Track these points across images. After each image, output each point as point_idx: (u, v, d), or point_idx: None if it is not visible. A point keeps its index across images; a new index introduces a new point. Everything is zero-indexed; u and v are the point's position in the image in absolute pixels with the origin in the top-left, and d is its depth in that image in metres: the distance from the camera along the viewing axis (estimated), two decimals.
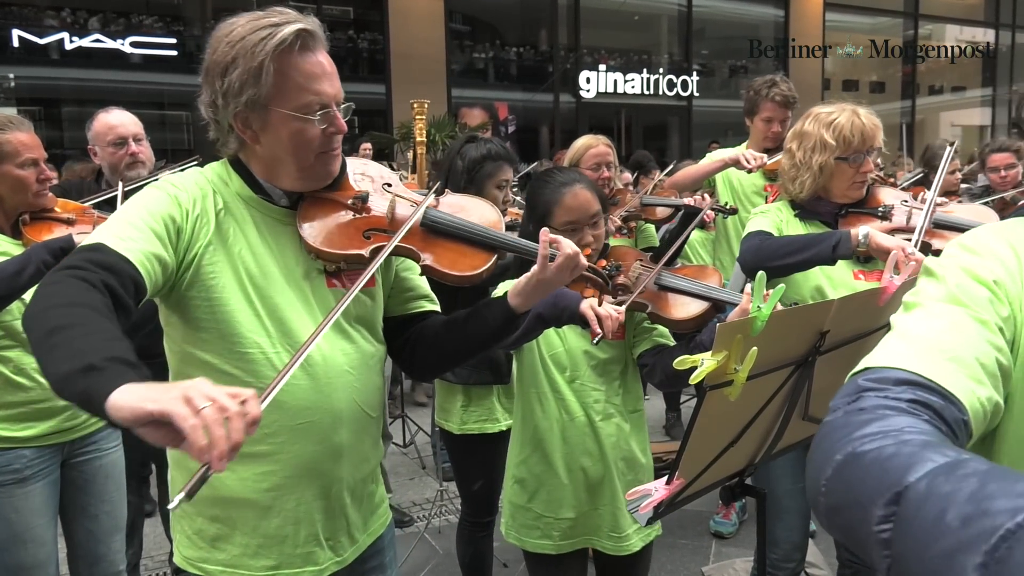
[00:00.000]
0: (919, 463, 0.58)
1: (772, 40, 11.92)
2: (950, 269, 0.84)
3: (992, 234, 0.87)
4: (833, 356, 1.31)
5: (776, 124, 3.19)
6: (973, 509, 0.50)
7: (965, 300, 0.81)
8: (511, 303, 1.41)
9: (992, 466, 0.55)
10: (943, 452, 0.59)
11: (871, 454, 0.63)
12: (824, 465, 0.67)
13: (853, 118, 2.08)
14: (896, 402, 0.69)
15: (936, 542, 0.51)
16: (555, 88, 10.59)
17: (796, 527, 2.24)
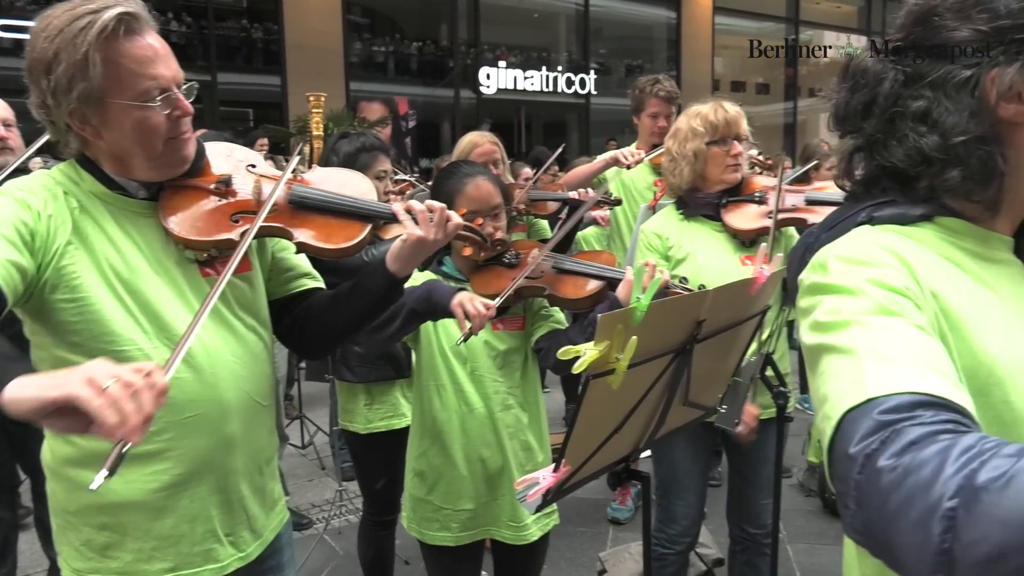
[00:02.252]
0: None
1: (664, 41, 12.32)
2: (861, 282, 0.79)
3: (867, 244, 0.84)
4: (710, 344, 1.38)
5: (662, 119, 3.33)
6: None
7: (897, 310, 0.76)
8: (391, 268, 1.42)
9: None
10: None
11: (998, 480, 0.54)
12: (932, 520, 0.56)
13: (717, 107, 2.28)
14: (937, 424, 0.62)
15: None
16: (455, 84, 10.58)
17: (694, 504, 2.35)
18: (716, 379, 1.55)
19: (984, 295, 0.82)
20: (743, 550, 2.41)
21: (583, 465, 1.28)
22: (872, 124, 0.89)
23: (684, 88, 11.62)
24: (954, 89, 0.82)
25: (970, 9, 0.81)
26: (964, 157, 0.82)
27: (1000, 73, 0.79)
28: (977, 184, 0.82)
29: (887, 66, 0.87)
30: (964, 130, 0.81)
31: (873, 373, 0.69)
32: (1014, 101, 0.80)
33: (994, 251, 0.86)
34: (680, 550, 2.33)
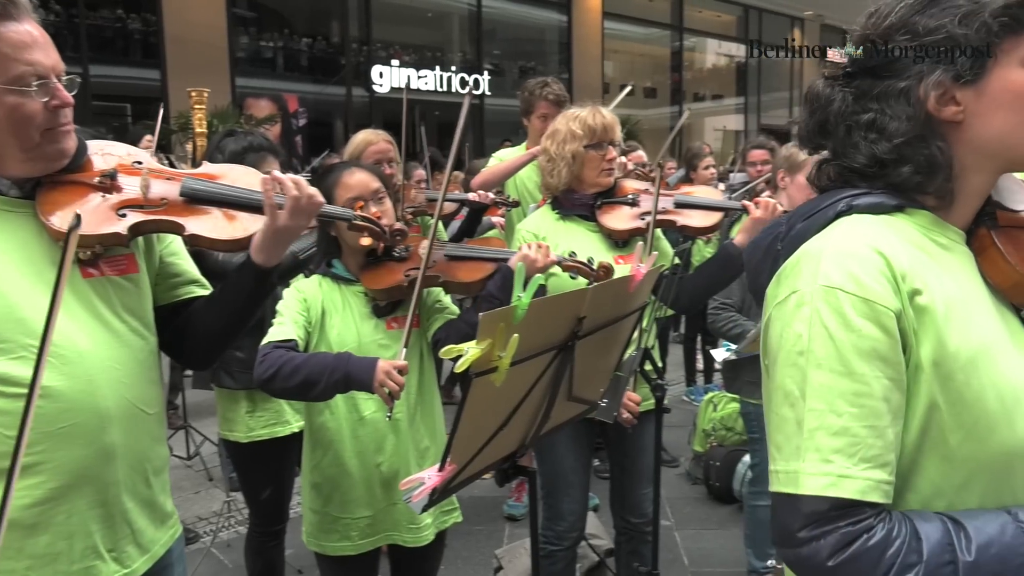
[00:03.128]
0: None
1: (556, 44, 12.54)
2: (842, 334, 0.86)
3: (859, 246, 0.90)
4: (591, 339, 1.42)
5: (551, 122, 3.39)
6: None
7: (865, 381, 0.86)
8: (256, 260, 1.38)
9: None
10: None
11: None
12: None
13: (595, 112, 2.35)
14: (857, 530, 0.83)
15: None
16: (347, 82, 10.39)
17: (579, 499, 2.40)
18: (599, 374, 1.60)
19: (949, 285, 0.91)
20: (628, 540, 2.49)
21: (469, 463, 1.29)
22: (832, 139, 1.00)
23: (576, 91, 11.88)
24: (894, 99, 0.93)
25: (895, 33, 0.93)
26: (910, 155, 0.93)
27: (930, 81, 0.91)
28: (925, 176, 0.93)
29: (835, 89, 0.99)
30: (905, 132, 0.92)
31: (812, 464, 0.85)
32: (950, 104, 0.91)
33: (953, 242, 0.96)
34: (568, 545, 2.39)
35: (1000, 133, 0.91)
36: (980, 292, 0.93)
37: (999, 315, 0.93)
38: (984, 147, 0.93)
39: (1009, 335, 0.92)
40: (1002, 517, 0.85)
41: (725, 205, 2.47)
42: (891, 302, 0.86)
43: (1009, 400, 0.87)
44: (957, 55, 0.89)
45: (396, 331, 1.94)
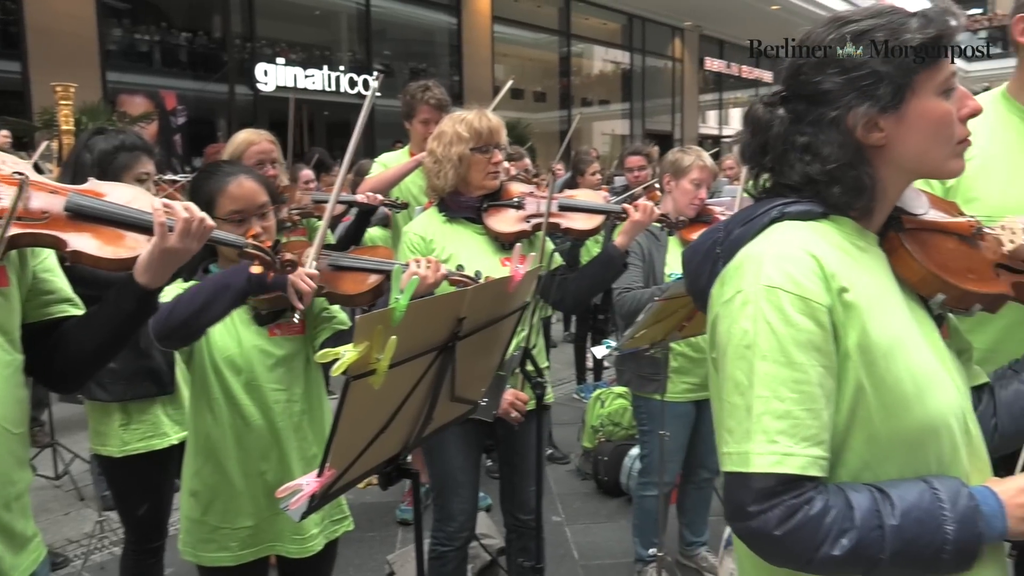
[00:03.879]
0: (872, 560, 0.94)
1: (447, 46, 12.53)
2: (783, 328, 0.97)
3: (794, 249, 1.01)
4: (472, 340, 1.43)
5: (433, 126, 3.38)
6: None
7: (806, 371, 0.97)
8: (140, 281, 1.33)
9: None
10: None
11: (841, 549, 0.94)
12: (859, 566, 0.95)
13: (481, 116, 2.36)
14: (801, 504, 0.95)
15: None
16: (230, 79, 10.00)
17: (469, 499, 2.41)
18: (481, 374, 1.62)
19: (869, 283, 1.02)
20: (518, 537, 2.53)
21: (350, 467, 1.28)
22: (770, 158, 1.10)
23: (467, 94, 11.91)
24: (826, 126, 1.04)
25: (825, 67, 1.03)
26: (840, 177, 1.04)
27: (858, 112, 1.02)
28: (853, 198, 1.05)
29: (774, 114, 1.09)
30: (836, 158, 1.03)
31: (760, 445, 0.96)
32: (874, 130, 1.03)
33: (869, 245, 1.09)
34: (459, 546, 2.40)
35: (917, 152, 1.04)
36: (893, 288, 1.06)
37: (909, 308, 1.07)
38: (902, 165, 1.06)
39: (918, 325, 1.06)
40: (920, 485, 0.97)
41: (606, 208, 2.55)
42: (823, 299, 0.98)
43: (921, 382, 1.00)
44: (880, 88, 1.00)
45: (279, 338, 1.90)
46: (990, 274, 1.14)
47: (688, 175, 2.87)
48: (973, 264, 1.14)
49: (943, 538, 0.93)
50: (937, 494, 0.95)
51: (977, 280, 1.11)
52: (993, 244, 1.17)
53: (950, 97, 1.04)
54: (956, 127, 1.05)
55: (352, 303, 1.97)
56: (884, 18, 1.02)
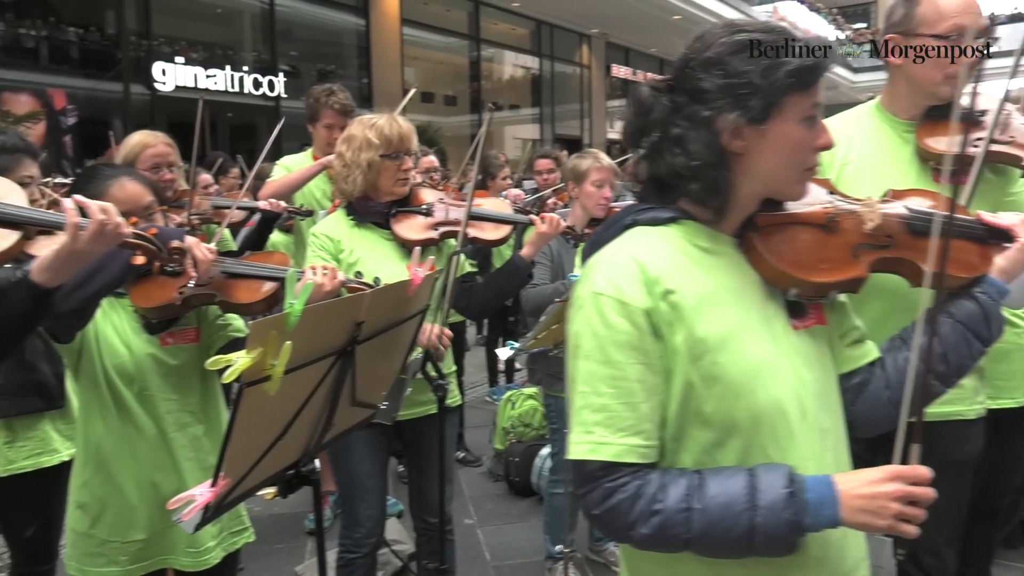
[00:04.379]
0: (683, 527, 1.03)
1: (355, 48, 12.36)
2: (602, 329, 1.07)
3: (623, 258, 1.10)
4: (373, 344, 1.44)
5: (337, 131, 3.36)
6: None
7: (625, 367, 1.06)
8: (37, 280, 1.29)
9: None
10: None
11: (654, 527, 1.03)
12: (630, 535, 1.05)
13: (391, 122, 2.35)
14: (626, 487, 1.05)
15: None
16: (125, 78, 9.56)
17: (376, 505, 2.40)
18: (383, 377, 1.62)
19: (704, 283, 1.09)
20: (427, 540, 2.53)
21: (246, 476, 1.26)
22: (647, 142, 1.14)
23: (376, 96, 11.78)
24: (698, 124, 1.08)
25: (711, 67, 1.07)
26: (701, 176, 1.09)
27: (728, 117, 1.07)
28: (709, 196, 1.11)
29: (657, 99, 1.13)
30: (701, 157, 1.08)
31: (578, 435, 1.06)
32: (738, 138, 1.08)
33: (720, 247, 1.14)
34: (367, 552, 2.38)
35: (768, 169, 1.11)
36: (735, 285, 1.12)
37: (759, 303, 1.13)
38: (756, 177, 1.12)
39: (763, 319, 1.12)
40: (741, 473, 1.04)
41: (514, 219, 2.60)
42: (642, 302, 1.06)
43: (751, 374, 1.07)
44: (752, 100, 1.06)
45: (173, 347, 1.85)
46: (846, 259, 1.19)
47: (588, 178, 2.96)
48: (828, 252, 1.18)
49: (750, 523, 1.00)
50: (754, 482, 1.03)
51: (830, 269, 1.16)
52: (855, 225, 1.22)
53: (812, 126, 1.10)
54: (808, 155, 1.12)
55: (247, 312, 1.92)
56: (773, 36, 1.07)
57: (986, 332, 1.20)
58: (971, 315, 1.19)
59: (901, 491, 1.00)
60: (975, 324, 1.18)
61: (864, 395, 1.23)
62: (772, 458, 1.07)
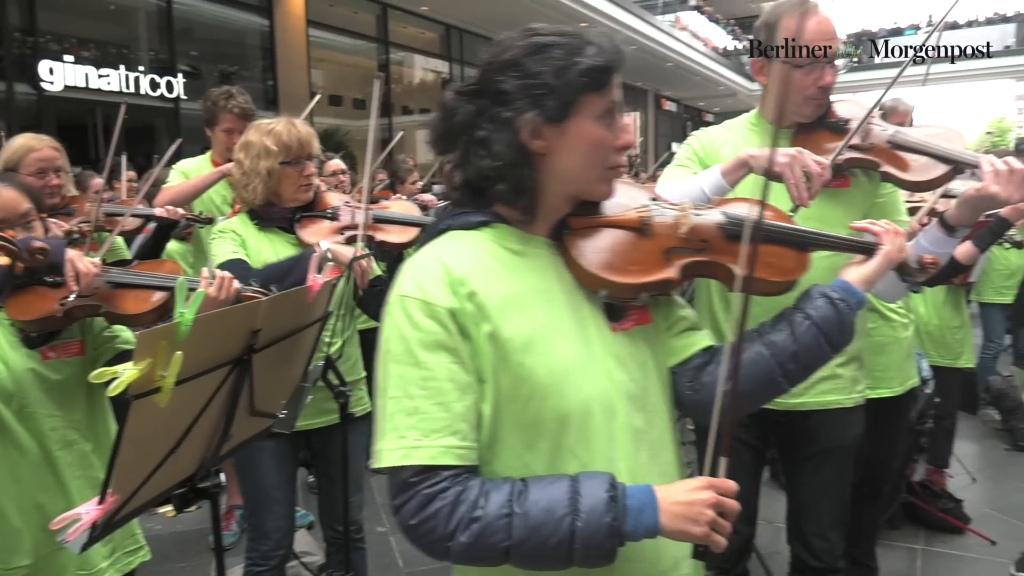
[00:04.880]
0: (503, 534, 1.00)
1: (259, 49, 12.04)
2: (409, 331, 1.06)
3: (431, 261, 1.09)
4: (270, 352, 1.41)
5: (237, 135, 3.27)
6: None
7: (436, 369, 1.05)
8: None
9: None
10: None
11: (473, 534, 0.99)
12: (445, 546, 1.01)
13: (290, 127, 2.28)
14: (439, 490, 1.01)
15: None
16: (8, 77, 9.00)
17: (284, 516, 2.35)
18: (283, 386, 1.59)
19: (513, 285, 1.09)
20: (337, 550, 2.50)
21: (137, 492, 1.22)
22: (455, 147, 1.14)
23: (282, 99, 11.51)
24: (500, 125, 1.09)
25: (508, 68, 1.09)
26: (507, 175, 1.10)
27: (526, 117, 1.08)
28: (515, 196, 1.11)
29: (461, 102, 1.13)
30: (504, 157, 1.09)
31: (390, 442, 1.03)
32: (539, 138, 1.09)
33: (533, 248, 1.15)
34: (275, 564, 2.33)
35: (570, 167, 1.12)
36: (552, 287, 1.14)
37: (572, 305, 1.14)
38: (560, 176, 1.13)
39: (576, 321, 1.13)
40: (564, 479, 1.04)
41: (420, 221, 2.59)
42: (446, 302, 1.06)
43: (558, 375, 1.08)
44: (548, 100, 1.07)
45: (55, 361, 1.76)
46: (658, 261, 1.19)
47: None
48: (640, 255, 1.19)
49: (570, 528, 0.98)
50: (576, 487, 1.01)
51: (639, 272, 1.17)
52: (669, 230, 1.22)
53: (611, 125, 1.12)
54: (610, 154, 1.14)
55: (135, 323, 1.85)
56: (566, 38, 1.09)
57: (838, 338, 1.20)
58: (827, 319, 1.19)
59: (715, 499, 1.02)
60: (830, 328, 1.19)
61: (699, 381, 1.22)
62: (581, 459, 1.08)
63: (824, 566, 2.07)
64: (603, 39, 1.11)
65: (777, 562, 2.79)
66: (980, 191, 1.68)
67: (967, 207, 1.73)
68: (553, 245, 1.17)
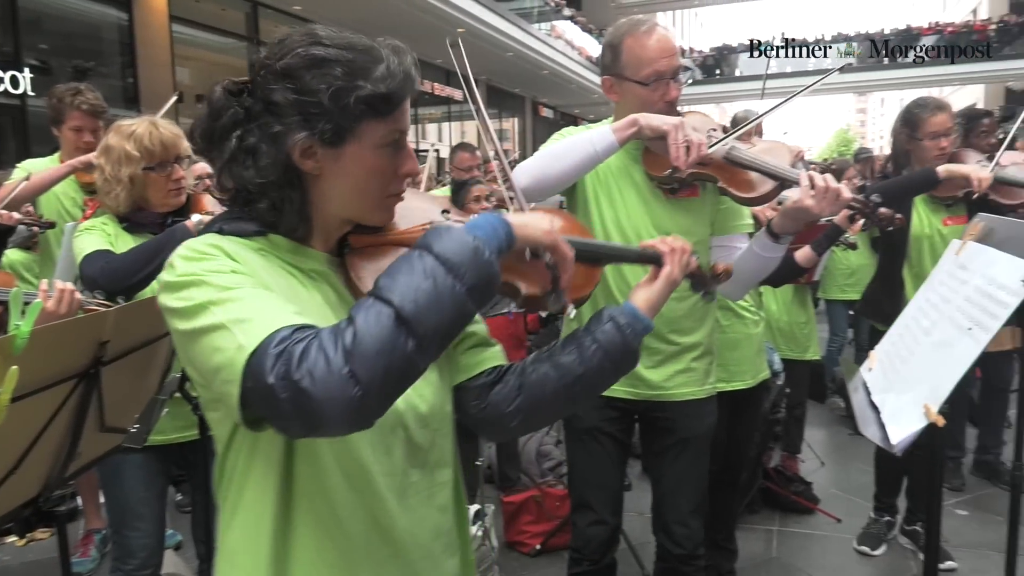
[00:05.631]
0: (375, 311, 0.84)
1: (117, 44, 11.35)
2: (201, 271, 0.92)
3: (201, 244, 0.97)
4: (122, 364, 1.35)
5: (87, 133, 3.10)
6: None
7: (236, 284, 0.91)
8: None
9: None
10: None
11: (351, 338, 0.82)
12: (341, 382, 0.81)
13: (151, 129, 2.15)
14: (302, 336, 0.84)
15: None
16: None
17: (152, 533, 2.23)
18: (137, 400, 1.53)
19: (299, 289, 1.02)
20: (209, 567, 2.40)
21: None
22: (222, 149, 1.02)
23: (144, 97, 10.91)
24: (269, 138, 0.99)
25: (283, 78, 0.98)
26: (269, 193, 1.01)
27: (298, 136, 0.98)
28: (277, 217, 1.03)
29: (230, 102, 1.02)
30: (268, 174, 1.00)
31: (245, 335, 0.86)
32: (311, 159, 1.00)
33: (309, 263, 1.06)
34: None
35: (344, 194, 1.04)
36: (333, 303, 1.06)
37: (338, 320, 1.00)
38: (332, 201, 1.04)
39: None
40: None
41: None
42: (226, 263, 0.94)
43: None
44: (322, 123, 0.98)
45: None
46: None
47: None
48: None
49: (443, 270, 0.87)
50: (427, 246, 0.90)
51: None
52: None
53: (395, 152, 1.04)
54: (392, 182, 1.06)
55: None
56: (352, 54, 0.99)
57: (623, 362, 1.18)
58: (613, 343, 1.17)
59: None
60: (615, 352, 1.16)
61: (487, 399, 1.19)
62: (344, 468, 1.02)
63: (686, 552, 2.19)
64: (394, 60, 1.01)
65: (647, 552, 2.92)
66: (796, 204, 1.83)
67: (787, 217, 1.88)
68: (334, 262, 1.09)
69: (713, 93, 29.64)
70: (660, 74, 1.95)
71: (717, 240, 2.11)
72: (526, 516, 3.49)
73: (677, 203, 2.03)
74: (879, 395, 1.37)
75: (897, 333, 1.50)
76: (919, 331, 1.37)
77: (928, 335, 1.32)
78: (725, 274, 1.42)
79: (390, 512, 1.06)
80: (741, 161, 1.95)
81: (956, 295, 1.30)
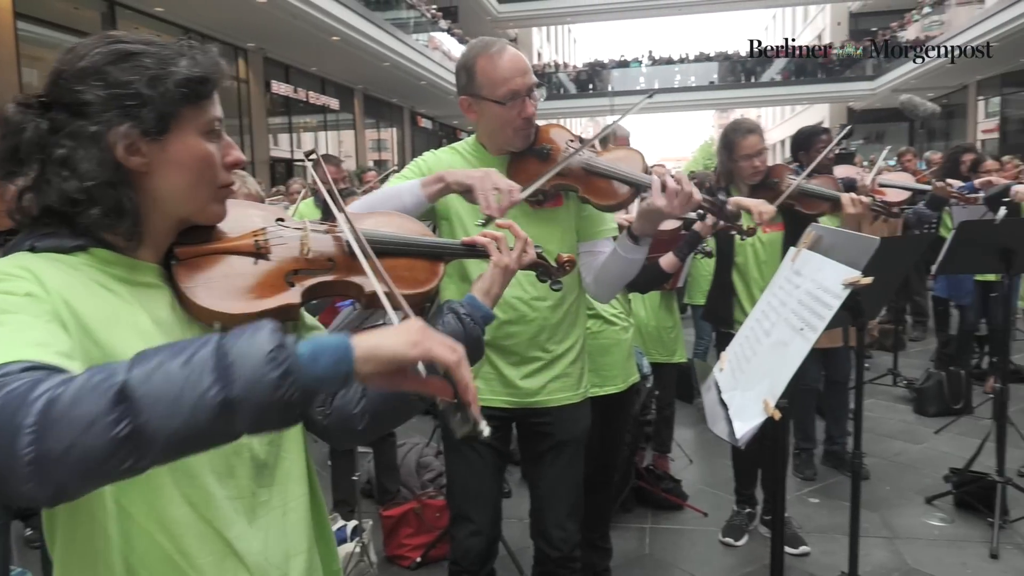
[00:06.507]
0: (109, 375, 0.72)
1: None
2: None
3: (6, 264, 0.92)
4: None
5: None
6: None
7: (13, 309, 0.85)
8: None
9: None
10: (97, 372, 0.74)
11: (64, 394, 0.70)
12: (17, 433, 0.68)
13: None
14: (27, 376, 0.73)
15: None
16: None
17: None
18: None
19: (122, 309, 0.97)
20: None
21: None
22: (26, 168, 0.98)
23: None
24: (86, 141, 0.96)
25: (88, 77, 0.96)
26: (100, 198, 0.97)
27: (119, 131, 0.96)
28: (114, 220, 0.98)
29: (28, 116, 0.98)
30: (95, 176, 0.96)
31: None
32: (137, 154, 0.98)
33: (140, 275, 1.02)
34: None
35: (175, 188, 1.02)
36: (165, 318, 1.01)
37: (188, 337, 0.90)
38: (165, 197, 1.02)
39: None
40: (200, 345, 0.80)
41: None
42: (22, 285, 0.89)
43: None
44: (144, 111, 0.96)
45: None
46: (278, 286, 1.10)
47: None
48: (256, 282, 1.09)
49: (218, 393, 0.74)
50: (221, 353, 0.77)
51: (255, 299, 1.07)
52: (290, 252, 1.14)
53: (217, 141, 1.05)
54: (219, 172, 1.05)
55: None
56: (155, 47, 1.00)
57: (468, 354, 1.13)
58: (456, 334, 1.17)
59: (423, 327, 0.90)
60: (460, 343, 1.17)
61: (331, 405, 1.18)
62: (182, 490, 0.98)
63: (562, 555, 2.25)
64: (197, 52, 1.03)
65: (526, 557, 2.97)
66: (648, 204, 1.95)
67: (643, 218, 1.99)
68: (164, 274, 1.05)
69: (587, 107, 30.64)
70: (515, 92, 2.01)
71: (584, 246, 2.20)
72: (406, 529, 3.47)
73: (543, 213, 2.10)
74: (728, 393, 1.47)
75: (744, 335, 1.62)
76: (761, 332, 1.49)
77: (768, 336, 1.44)
78: (570, 263, 1.51)
79: (243, 536, 1.03)
80: (597, 170, 2.04)
81: (791, 298, 1.42)
